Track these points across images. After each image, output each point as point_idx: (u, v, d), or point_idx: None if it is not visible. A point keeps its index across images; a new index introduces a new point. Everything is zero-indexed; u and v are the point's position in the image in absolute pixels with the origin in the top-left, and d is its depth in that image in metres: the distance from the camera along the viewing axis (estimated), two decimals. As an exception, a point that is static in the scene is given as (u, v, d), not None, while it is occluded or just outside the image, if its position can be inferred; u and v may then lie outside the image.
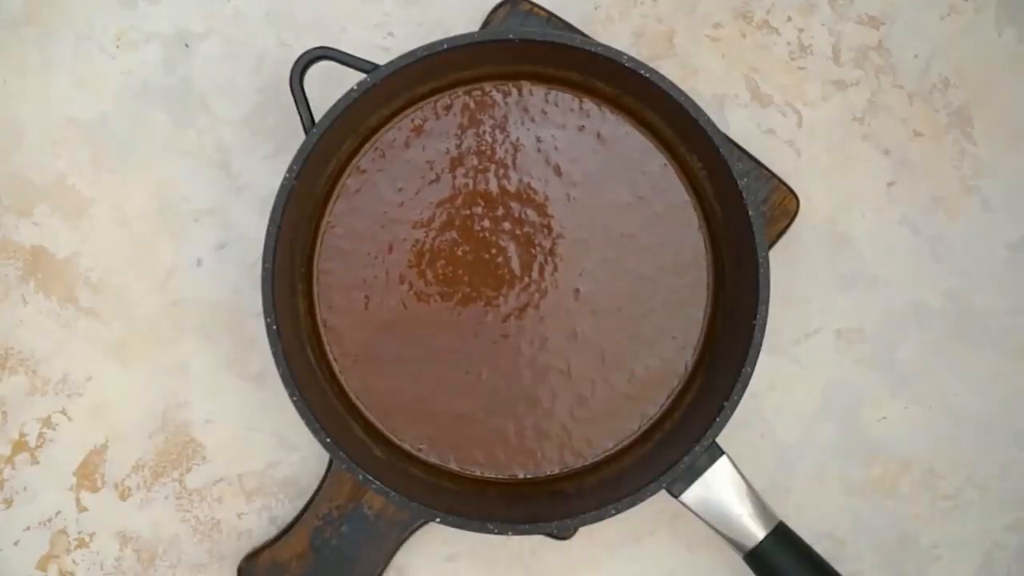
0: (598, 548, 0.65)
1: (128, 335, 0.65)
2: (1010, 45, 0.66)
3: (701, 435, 0.58)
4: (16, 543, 0.65)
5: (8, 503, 0.65)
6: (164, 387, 0.65)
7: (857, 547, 0.65)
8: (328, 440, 0.58)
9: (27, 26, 0.66)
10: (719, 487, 0.59)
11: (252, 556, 0.63)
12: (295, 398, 0.58)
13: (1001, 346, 0.66)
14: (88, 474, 0.65)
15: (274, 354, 0.58)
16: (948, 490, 0.66)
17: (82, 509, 0.65)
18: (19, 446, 0.65)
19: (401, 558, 0.64)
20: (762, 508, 0.59)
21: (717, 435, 0.58)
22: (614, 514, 0.57)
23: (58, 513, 0.65)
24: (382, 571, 0.63)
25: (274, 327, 0.58)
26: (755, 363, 0.58)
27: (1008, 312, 0.66)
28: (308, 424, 0.58)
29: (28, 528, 0.65)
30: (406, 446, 0.63)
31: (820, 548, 0.61)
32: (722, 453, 0.59)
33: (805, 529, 0.61)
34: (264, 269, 0.58)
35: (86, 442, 0.65)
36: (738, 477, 0.59)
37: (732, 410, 0.58)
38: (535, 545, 0.65)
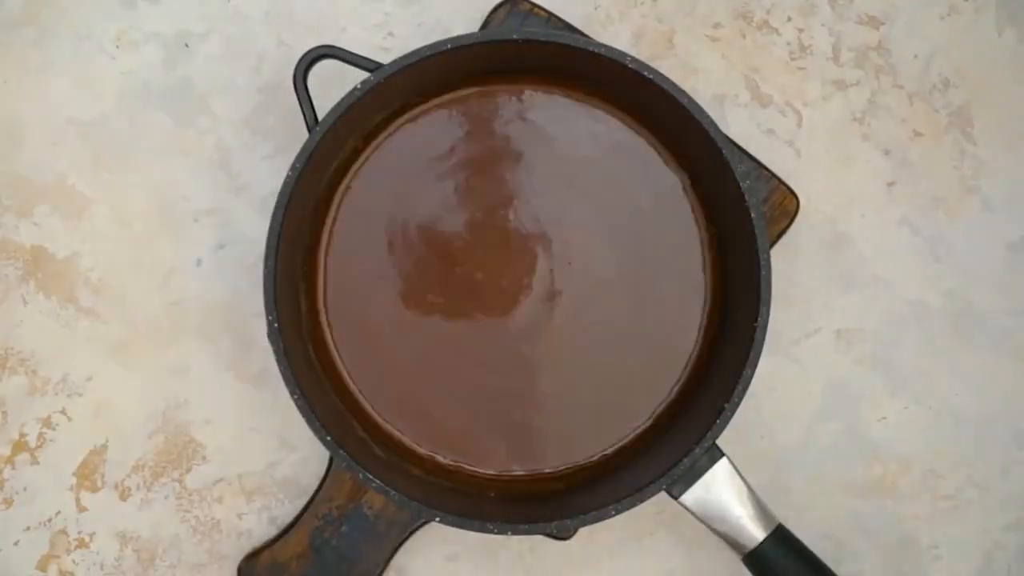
0: (598, 548, 0.65)
1: (128, 335, 0.65)
2: (1010, 45, 0.66)
3: (701, 437, 0.58)
4: (16, 543, 0.65)
5: (8, 503, 0.65)
6: (164, 387, 0.65)
7: (857, 547, 0.65)
8: (329, 439, 0.58)
9: (27, 26, 0.66)
10: (719, 489, 0.59)
11: (252, 556, 0.63)
12: (296, 396, 0.58)
13: (1001, 346, 0.66)
14: (88, 474, 0.65)
15: (275, 353, 0.58)
16: (948, 490, 0.66)
17: (82, 509, 0.65)
18: (19, 446, 0.65)
19: (401, 558, 0.64)
20: (762, 510, 0.59)
21: (717, 437, 0.58)
22: (614, 515, 0.57)
23: (58, 513, 0.65)
24: (382, 571, 0.63)
25: (275, 325, 0.58)
26: (756, 365, 0.58)
27: (1008, 312, 0.66)
28: (309, 423, 0.58)
29: (28, 528, 0.65)
30: (407, 444, 0.63)
31: (820, 548, 0.61)
32: (722, 455, 0.59)
33: (805, 529, 0.61)
34: (266, 267, 0.58)
35: (86, 442, 0.65)
36: (738, 479, 0.59)
37: (732, 412, 0.58)
38: (535, 545, 0.65)
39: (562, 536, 0.62)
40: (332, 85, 0.60)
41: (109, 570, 0.65)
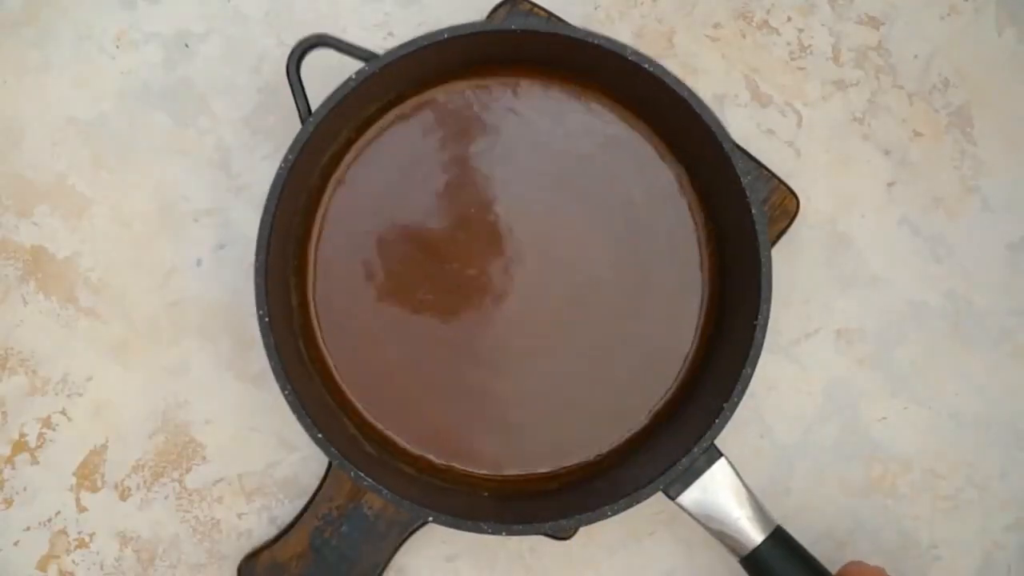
0: (598, 548, 0.65)
1: (128, 335, 0.65)
2: (1010, 45, 0.66)
3: (699, 437, 0.58)
4: (16, 543, 0.65)
5: (8, 503, 0.65)
6: (164, 387, 0.65)
7: (857, 547, 0.65)
8: (320, 436, 0.57)
9: (27, 26, 0.66)
10: (717, 490, 0.58)
11: (252, 556, 0.63)
12: (287, 392, 0.57)
13: (1001, 346, 0.66)
14: (88, 474, 0.65)
15: (266, 347, 0.57)
16: (948, 490, 0.66)
17: (82, 509, 0.65)
18: (19, 446, 0.65)
19: (401, 558, 0.64)
20: (760, 512, 0.59)
21: (716, 437, 0.58)
22: (610, 515, 0.57)
23: (58, 513, 0.65)
24: (382, 571, 0.63)
25: (266, 320, 0.57)
26: (756, 364, 0.57)
27: (1008, 312, 0.66)
28: (300, 419, 0.57)
29: (28, 528, 0.65)
30: (400, 443, 0.62)
31: (820, 549, 0.61)
32: (720, 455, 0.58)
33: (805, 529, 0.61)
34: (257, 261, 0.57)
35: (86, 442, 0.65)
36: (736, 480, 0.59)
37: (732, 412, 0.57)
38: (535, 545, 0.65)
39: (562, 536, 0.62)
40: (329, 77, 0.59)
41: (109, 570, 0.65)
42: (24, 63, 0.65)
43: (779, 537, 0.59)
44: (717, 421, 0.57)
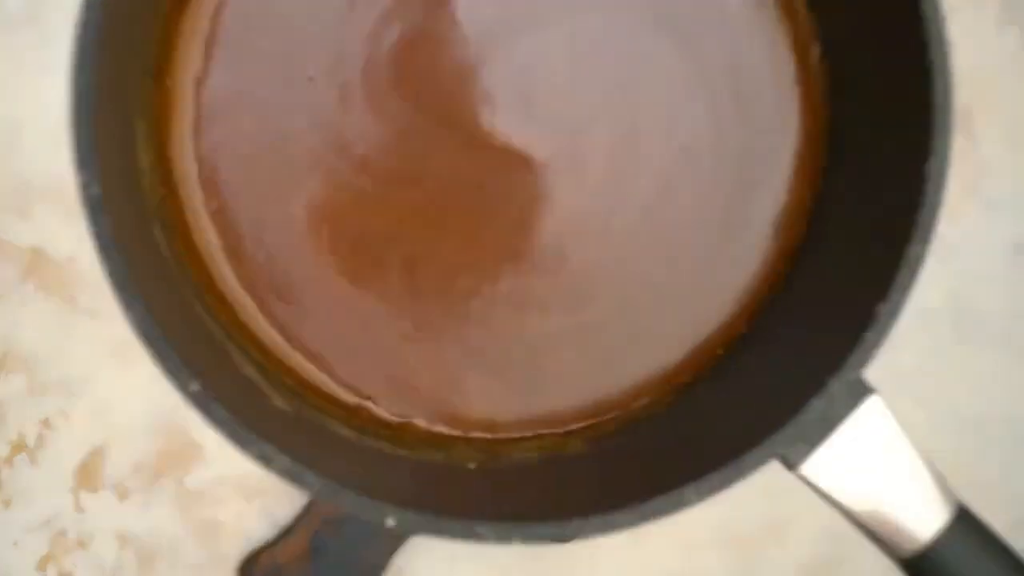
0: (599, 549, 0.65)
1: (128, 335, 0.65)
2: (1011, 45, 0.66)
3: (836, 364, 0.33)
4: (15, 544, 0.64)
5: (7, 504, 0.65)
6: (164, 387, 0.65)
7: (857, 547, 0.65)
8: (196, 388, 0.33)
9: (27, 26, 0.65)
10: (867, 450, 0.36)
11: (252, 557, 0.63)
12: (134, 310, 0.32)
13: (1002, 347, 0.66)
14: (87, 475, 0.65)
15: (96, 237, 0.33)
16: (949, 491, 0.66)
17: (81, 510, 0.65)
18: (18, 447, 0.65)
19: (401, 559, 0.64)
20: (939, 482, 0.37)
21: (866, 363, 0.35)
22: (696, 501, 0.33)
23: (57, 514, 0.65)
24: (382, 572, 0.63)
25: (96, 192, 0.32)
26: (928, 240, 0.35)
27: (1010, 314, 0.66)
28: (159, 358, 0.34)
29: (27, 529, 0.65)
30: (323, 388, 0.40)
31: (818, 551, 0.61)
32: (871, 391, 0.36)
33: (804, 530, 0.61)
34: (76, 85, 0.31)
35: (85, 442, 0.65)
36: (898, 433, 0.37)
37: (892, 318, 0.34)
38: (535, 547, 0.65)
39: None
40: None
41: (108, 571, 0.65)
42: (24, 63, 0.65)
43: (966, 522, 0.38)
44: (868, 334, 0.34)
